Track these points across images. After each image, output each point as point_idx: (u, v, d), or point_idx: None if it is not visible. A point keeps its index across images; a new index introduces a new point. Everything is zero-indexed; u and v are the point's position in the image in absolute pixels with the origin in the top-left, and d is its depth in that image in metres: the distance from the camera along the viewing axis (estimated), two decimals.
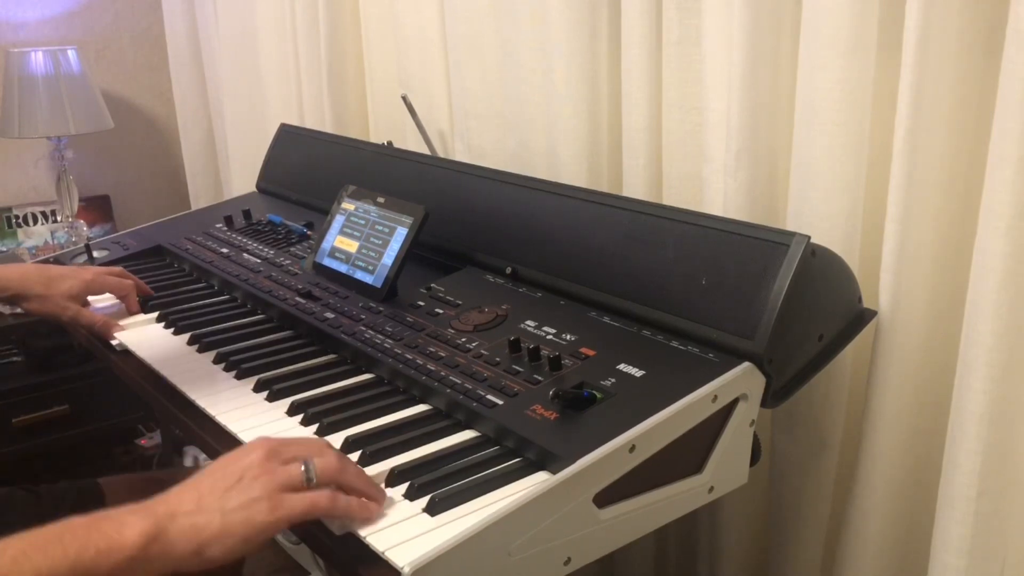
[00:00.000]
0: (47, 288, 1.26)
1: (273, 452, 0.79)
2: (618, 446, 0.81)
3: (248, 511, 0.75)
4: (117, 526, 0.72)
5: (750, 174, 1.13)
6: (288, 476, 0.77)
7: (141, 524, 0.72)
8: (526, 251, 1.19)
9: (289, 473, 0.77)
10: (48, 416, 2.24)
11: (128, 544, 0.71)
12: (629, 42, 1.26)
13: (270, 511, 0.75)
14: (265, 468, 0.77)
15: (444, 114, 1.69)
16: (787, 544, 1.22)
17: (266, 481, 0.76)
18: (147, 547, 0.71)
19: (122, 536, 0.71)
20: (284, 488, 0.76)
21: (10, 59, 2.24)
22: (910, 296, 1.00)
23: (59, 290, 1.27)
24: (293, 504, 0.76)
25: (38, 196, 2.54)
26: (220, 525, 0.74)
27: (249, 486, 0.76)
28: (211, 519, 0.74)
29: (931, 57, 0.92)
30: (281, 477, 0.77)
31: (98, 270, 1.33)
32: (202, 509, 0.74)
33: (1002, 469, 0.91)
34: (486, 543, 0.73)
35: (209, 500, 0.75)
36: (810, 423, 1.14)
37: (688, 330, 0.98)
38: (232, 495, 0.75)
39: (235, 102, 2.27)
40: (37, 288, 1.26)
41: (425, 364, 1.01)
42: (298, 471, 0.77)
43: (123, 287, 1.31)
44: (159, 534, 0.72)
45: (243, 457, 0.79)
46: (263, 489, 0.75)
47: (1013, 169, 0.83)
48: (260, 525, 0.75)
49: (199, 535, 0.73)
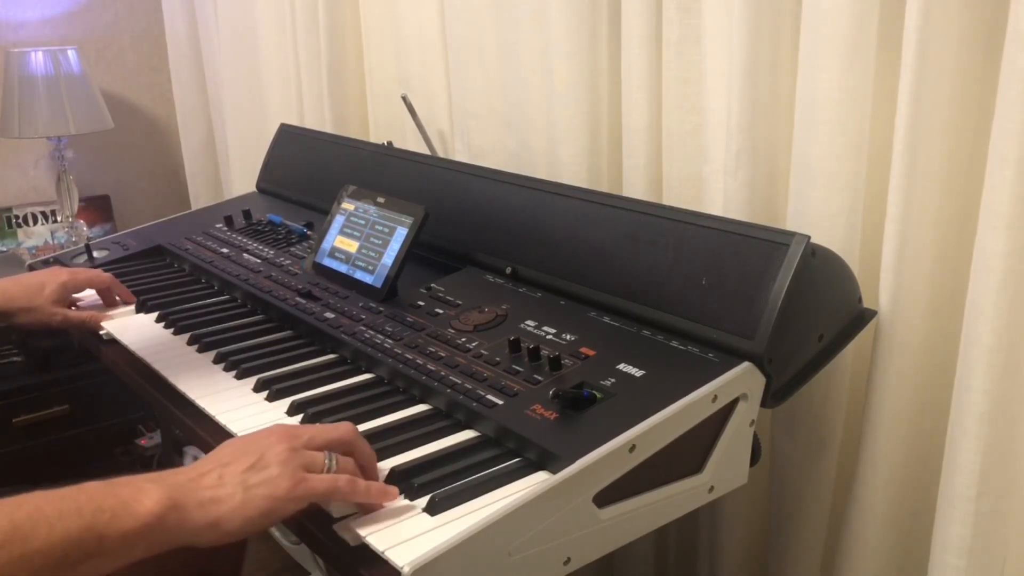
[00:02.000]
0: (30, 300, 1.27)
1: (294, 435, 0.80)
2: (618, 446, 0.81)
3: (270, 486, 0.76)
4: (135, 492, 0.72)
5: (750, 174, 1.13)
6: (311, 458, 0.79)
7: (158, 493, 0.72)
8: (526, 251, 1.19)
9: (314, 459, 0.79)
10: (48, 416, 2.24)
11: (144, 511, 0.71)
12: (629, 42, 1.26)
13: (291, 487, 0.76)
14: (288, 449, 0.78)
15: (444, 114, 1.69)
16: (787, 544, 1.22)
17: (289, 460, 0.77)
18: (163, 516, 0.71)
19: (139, 503, 0.71)
20: (306, 468, 0.78)
21: (10, 59, 2.24)
22: (910, 296, 1.00)
23: (41, 299, 1.28)
24: (314, 483, 0.77)
25: (38, 196, 2.54)
26: (241, 500, 0.74)
27: (271, 464, 0.77)
28: (232, 493, 0.75)
29: (931, 57, 0.92)
30: (304, 458, 0.78)
31: (72, 269, 1.35)
32: (223, 483, 0.75)
33: (1002, 469, 0.91)
34: (486, 543, 0.73)
35: (230, 475, 0.76)
36: (810, 423, 1.14)
37: (688, 330, 0.98)
38: (254, 472, 0.76)
39: (235, 102, 2.27)
40: (20, 302, 1.27)
41: (425, 364, 1.01)
42: (321, 457, 0.79)
43: (101, 278, 1.33)
44: (176, 504, 0.72)
45: (264, 438, 0.80)
46: (285, 467, 0.77)
47: (1013, 169, 0.83)
48: (281, 500, 0.75)
49: (218, 508, 0.74)
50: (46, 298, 1.28)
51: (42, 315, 1.27)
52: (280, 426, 0.83)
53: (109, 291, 1.34)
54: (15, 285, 1.29)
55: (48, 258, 1.56)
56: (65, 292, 1.30)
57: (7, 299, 1.27)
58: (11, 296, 1.27)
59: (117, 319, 1.28)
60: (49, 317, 1.28)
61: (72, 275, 1.32)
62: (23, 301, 1.27)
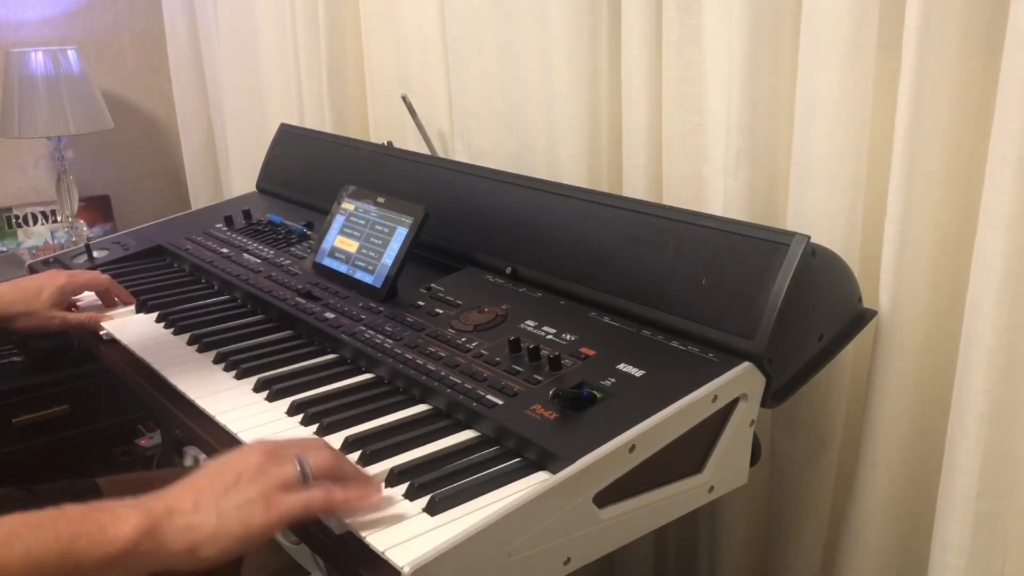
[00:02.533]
0: (28, 304, 1.27)
1: (270, 454, 0.79)
2: (618, 446, 0.81)
3: (244, 512, 0.75)
4: (112, 518, 0.72)
5: (750, 174, 1.13)
6: (284, 475, 0.77)
7: (136, 518, 0.72)
8: (526, 251, 1.19)
9: (285, 472, 0.78)
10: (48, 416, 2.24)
11: (121, 537, 0.71)
12: (629, 42, 1.26)
13: (266, 512, 0.75)
14: (261, 469, 0.77)
15: (444, 114, 1.69)
16: (787, 544, 1.22)
17: (262, 482, 0.76)
18: (140, 542, 0.71)
19: (116, 528, 0.71)
20: (280, 488, 0.77)
21: (10, 59, 2.24)
22: (910, 296, 1.00)
23: (39, 303, 1.28)
24: (289, 504, 0.76)
25: (38, 196, 2.54)
26: (216, 526, 0.74)
27: (246, 488, 0.76)
28: (207, 519, 0.74)
29: (931, 57, 0.92)
30: (277, 477, 0.77)
31: (70, 272, 1.35)
32: (199, 509, 0.75)
33: (1002, 469, 0.91)
34: (486, 543, 0.73)
35: (206, 500, 0.75)
36: (810, 423, 1.14)
37: (688, 330, 0.98)
38: (229, 496, 0.75)
39: (235, 102, 2.27)
40: (18, 307, 1.27)
41: (425, 364, 1.01)
42: (293, 470, 0.78)
43: (99, 280, 1.33)
44: (153, 530, 0.72)
45: (240, 459, 0.79)
46: (259, 491, 0.76)
47: (1013, 169, 0.83)
48: (256, 527, 0.75)
49: (194, 534, 0.73)
50: (44, 302, 1.27)
51: (40, 319, 1.27)
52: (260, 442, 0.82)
53: (108, 292, 1.34)
54: (13, 290, 1.29)
55: (48, 258, 1.56)
56: (63, 295, 1.30)
57: (5, 304, 1.27)
58: (9, 301, 1.27)
59: (117, 319, 1.28)
60: (47, 321, 1.27)
61: (70, 278, 1.31)
62: (21, 306, 1.27)
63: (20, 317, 1.27)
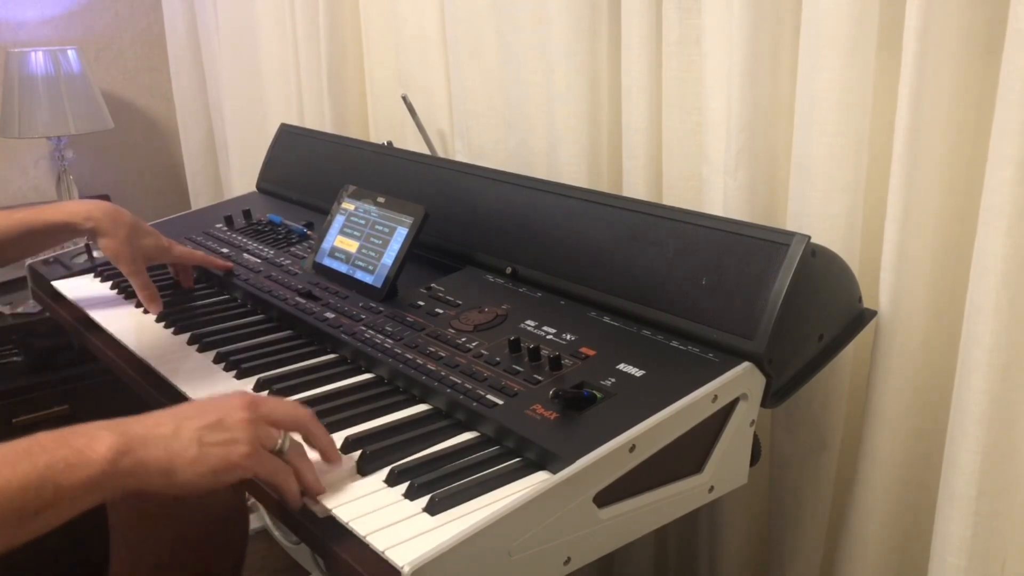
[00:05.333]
0: (129, 239, 1.23)
1: (253, 405, 0.81)
2: (618, 446, 0.81)
3: (226, 448, 0.77)
4: (87, 440, 0.72)
5: (750, 174, 1.13)
6: (268, 436, 0.80)
7: (111, 439, 0.73)
8: (526, 251, 1.19)
9: (270, 434, 0.80)
10: (48, 416, 2.24)
11: (98, 458, 0.71)
12: (629, 42, 1.26)
13: (247, 456, 0.77)
14: (248, 419, 0.79)
15: (444, 114, 1.69)
16: (787, 544, 1.22)
17: (249, 431, 0.79)
18: (116, 461, 0.72)
19: (93, 450, 0.71)
20: (262, 444, 0.79)
21: (10, 59, 2.24)
22: (910, 296, 1.00)
23: (140, 243, 1.25)
24: (266, 463, 0.79)
25: (38, 196, 2.54)
26: (196, 454, 0.75)
27: (231, 428, 0.78)
28: (187, 446, 0.76)
29: (931, 57, 0.92)
30: (263, 433, 0.80)
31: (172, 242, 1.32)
32: (179, 436, 0.76)
33: (1002, 469, 0.91)
34: (486, 543, 0.73)
35: (187, 430, 0.77)
36: (810, 423, 1.14)
37: (688, 330, 0.98)
38: (212, 432, 0.77)
39: (235, 102, 2.27)
40: (122, 232, 1.23)
41: (425, 364, 1.01)
42: (276, 436, 0.81)
43: (194, 256, 1.33)
44: (129, 450, 0.73)
45: (224, 403, 0.81)
46: (245, 436, 0.78)
47: (1013, 169, 0.83)
48: (234, 464, 0.77)
49: (172, 459, 0.75)
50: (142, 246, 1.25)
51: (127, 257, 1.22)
52: (242, 392, 0.84)
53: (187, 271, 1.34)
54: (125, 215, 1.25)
55: (48, 258, 1.56)
56: (160, 256, 1.29)
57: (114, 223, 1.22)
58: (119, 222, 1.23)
59: (117, 320, 1.27)
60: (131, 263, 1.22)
61: (172, 246, 1.30)
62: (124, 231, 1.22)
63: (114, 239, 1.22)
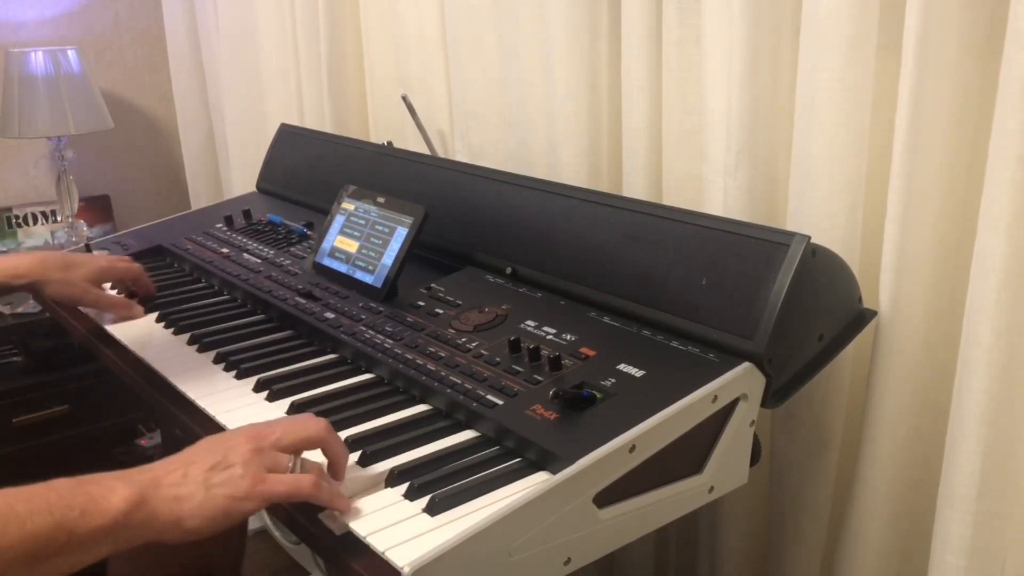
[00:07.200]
0: (66, 272, 1.27)
1: (259, 436, 0.81)
2: (618, 446, 0.81)
3: (231, 487, 0.77)
4: (103, 491, 0.73)
5: (750, 174, 1.13)
6: (275, 459, 0.80)
7: (126, 490, 0.73)
8: (526, 251, 1.19)
9: (278, 462, 0.80)
10: (48, 416, 2.24)
11: (113, 509, 0.72)
12: (629, 42, 1.26)
13: (251, 487, 0.77)
14: (252, 450, 0.79)
15: (444, 114, 1.69)
16: (787, 544, 1.22)
17: (252, 460, 0.78)
18: (131, 513, 0.72)
19: (108, 501, 0.72)
20: (268, 468, 0.79)
21: (10, 59, 2.24)
22: (910, 296, 1.00)
23: (78, 274, 1.27)
24: (274, 484, 0.78)
25: (38, 196, 2.54)
26: (202, 499, 0.76)
27: (234, 464, 0.78)
28: (194, 492, 0.76)
29: (931, 57, 0.92)
30: (268, 459, 0.79)
31: (110, 258, 1.35)
32: (186, 482, 0.77)
33: (1002, 469, 0.91)
34: (486, 543, 0.73)
35: (194, 474, 0.77)
36: (810, 423, 1.14)
37: (688, 330, 0.98)
38: (216, 472, 0.78)
39: (235, 102, 2.27)
40: (57, 274, 1.26)
41: (425, 364, 1.01)
42: (285, 459, 0.80)
43: (132, 271, 1.33)
44: (143, 501, 0.74)
45: (230, 438, 0.81)
46: (246, 467, 0.78)
47: (1013, 169, 0.83)
48: (239, 500, 0.77)
49: (180, 506, 0.75)
50: (83, 276, 1.27)
51: (76, 289, 1.26)
52: (248, 426, 0.84)
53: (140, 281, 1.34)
54: (53, 256, 1.29)
55: None
56: (101, 276, 1.30)
57: (45, 267, 1.26)
58: (49, 267, 1.26)
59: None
60: (83, 292, 1.26)
61: (110, 263, 1.32)
62: (59, 273, 1.26)
63: (55, 283, 1.26)
